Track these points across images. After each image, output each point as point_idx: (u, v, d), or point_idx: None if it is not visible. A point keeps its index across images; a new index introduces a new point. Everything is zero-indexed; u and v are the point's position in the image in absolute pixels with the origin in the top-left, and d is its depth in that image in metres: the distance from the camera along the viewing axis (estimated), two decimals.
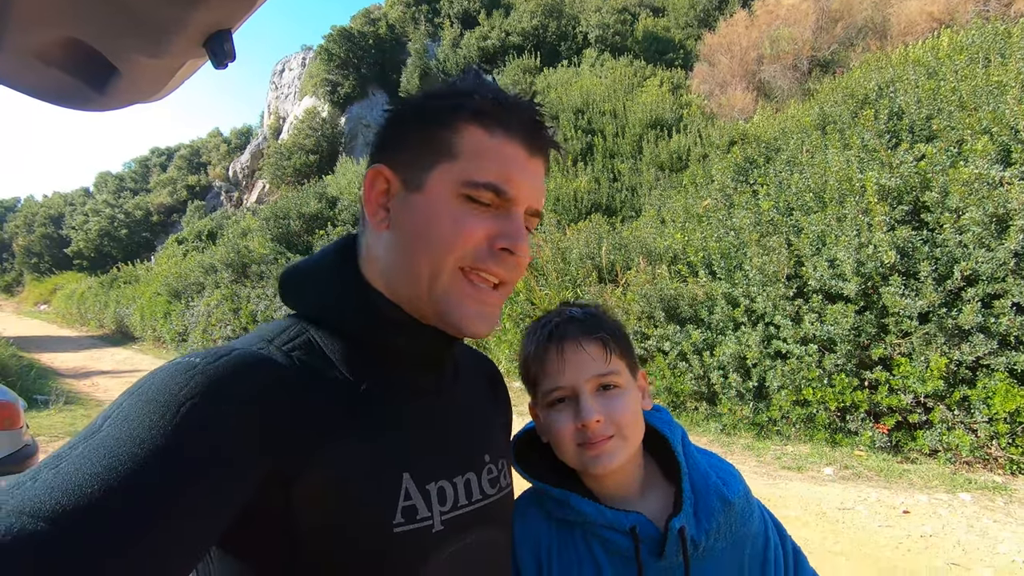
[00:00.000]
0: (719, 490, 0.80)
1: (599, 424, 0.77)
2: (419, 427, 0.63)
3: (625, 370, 0.82)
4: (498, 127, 0.62)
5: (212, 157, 29.65)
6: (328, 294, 0.65)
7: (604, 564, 0.78)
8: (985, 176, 4.19)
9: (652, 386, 5.81)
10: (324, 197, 14.13)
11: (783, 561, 0.82)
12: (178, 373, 0.50)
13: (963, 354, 4.02)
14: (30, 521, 0.38)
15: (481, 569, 0.65)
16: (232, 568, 0.55)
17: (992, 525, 3.24)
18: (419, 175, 0.63)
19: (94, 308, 19.59)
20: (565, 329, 0.82)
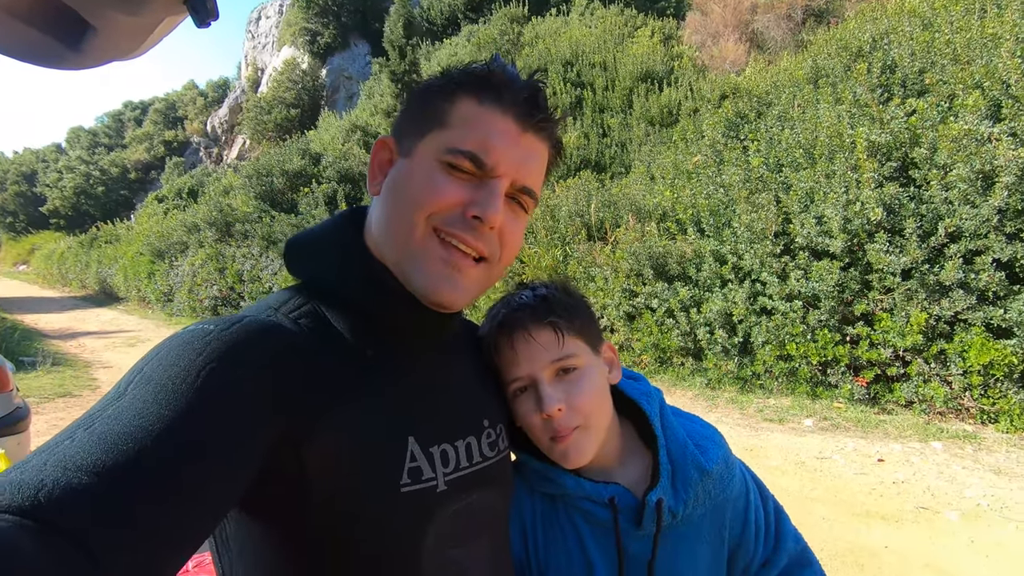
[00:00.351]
0: (696, 459, 0.81)
1: (561, 414, 0.76)
2: (422, 393, 0.66)
3: (584, 349, 0.80)
4: (490, 98, 0.63)
5: (189, 111, 28.64)
6: (332, 264, 0.67)
7: (586, 534, 0.81)
8: (974, 132, 4.18)
9: (640, 342, 5.91)
10: (307, 153, 13.79)
11: (763, 521, 0.84)
12: (195, 339, 0.52)
13: (942, 309, 4.12)
14: (75, 475, 0.40)
15: (482, 526, 0.68)
16: (247, 525, 0.58)
17: (960, 471, 3.40)
18: (413, 142, 0.65)
19: (75, 268, 19.27)
20: (513, 318, 0.79)
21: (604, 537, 0.80)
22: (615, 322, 6.18)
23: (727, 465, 0.83)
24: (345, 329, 0.63)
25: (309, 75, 20.26)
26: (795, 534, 0.87)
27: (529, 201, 0.67)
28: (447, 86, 0.64)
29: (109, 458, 0.42)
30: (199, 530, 0.45)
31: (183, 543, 0.44)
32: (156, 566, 0.42)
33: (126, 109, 33.57)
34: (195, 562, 2.10)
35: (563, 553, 0.82)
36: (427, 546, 0.61)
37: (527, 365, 0.78)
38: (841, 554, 2.68)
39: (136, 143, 29.24)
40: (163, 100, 31.33)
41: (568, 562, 0.81)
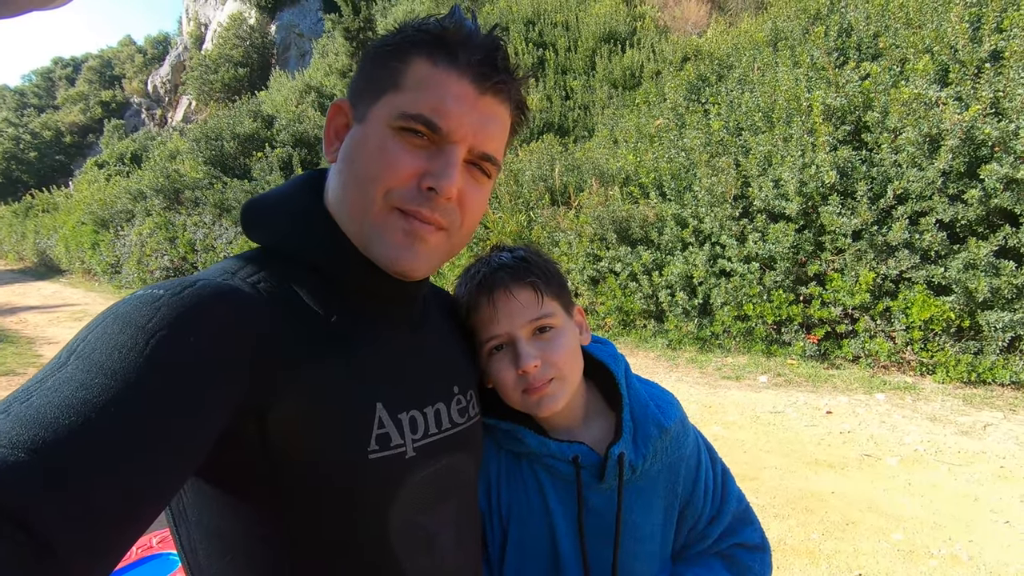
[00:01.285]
0: (656, 418, 0.85)
1: (537, 368, 0.79)
2: (389, 360, 0.64)
3: (559, 310, 0.83)
4: (445, 59, 0.59)
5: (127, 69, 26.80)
6: (291, 227, 0.64)
7: (549, 489, 0.84)
8: (923, 96, 4.31)
9: (603, 306, 6.01)
10: (259, 116, 13.16)
11: (712, 481, 0.90)
12: (143, 305, 0.49)
13: (889, 269, 4.32)
14: (9, 452, 0.37)
15: (450, 491, 0.68)
16: (207, 494, 0.56)
17: (901, 420, 3.64)
18: (367, 107, 0.62)
19: (10, 239, 18.15)
20: (494, 277, 0.81)
21: (565, 490, 0.83)
22: (579, 286, 6.25)
23: (683, 426, 0.88)
24: (307, 295, 0.60)
25: (257, 31, 19.16)
26: (739, 494, 0.92)
27: (491, 167, 0.65)
28: (401, 45, 0.61)
29: (48, 433, 0.39)
30: (151, 505, 0.43)
31: (133, 519, 0.42)
32: (104, 543, 0.40)
33: (56, 67, 31.18)
34: (159, 537, 2.07)
35: (525, 504, 0.85)
36: (395, 512, 0.60)
37: (507, 323, 0.79)
38: (792, 500, 2.85)
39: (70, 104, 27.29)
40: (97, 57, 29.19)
41: (529, 511, 0.84)
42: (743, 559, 0.88)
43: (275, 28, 19.27)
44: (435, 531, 0.65)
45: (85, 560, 0.38)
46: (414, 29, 0.62)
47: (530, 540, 0.84)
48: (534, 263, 0.83)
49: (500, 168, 0.67)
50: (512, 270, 0.81)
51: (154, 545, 2.10)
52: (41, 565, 0.36)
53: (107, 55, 28.98)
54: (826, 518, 2.69)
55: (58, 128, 26.59)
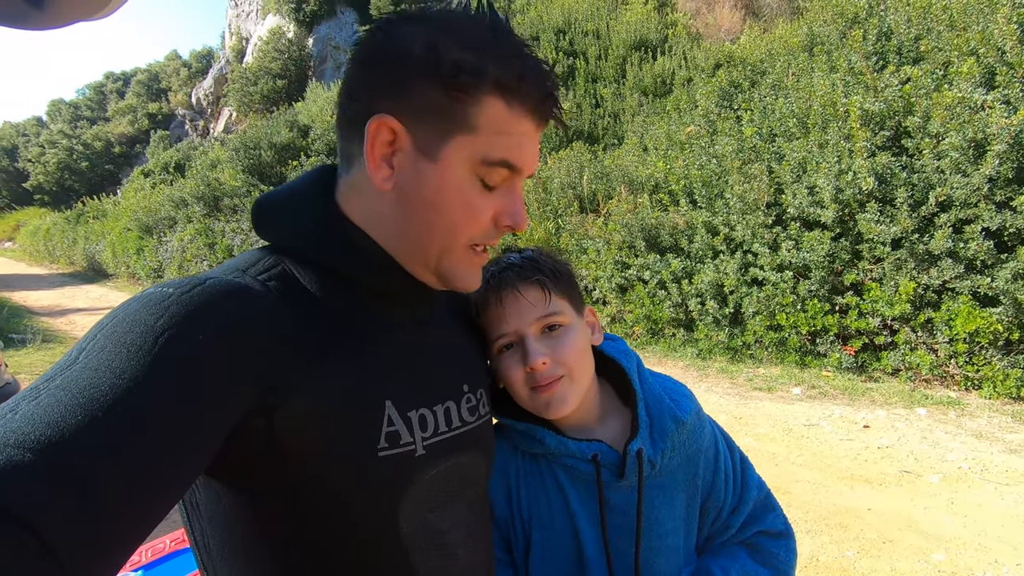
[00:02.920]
0: (672, 411, 0.84)
1: (546, 366, 0.79)
2: (398, 358, 0.64)
3: (568, 308, 0.83)
4: (517, 100, 0.59)
5: (172, 83, 27.93)
6: (304, 225, 0.64)
7: (569, 490, 0.84)
8: (968, 100, 4.16)
9: (632, 314, 5.94)
10: (295, 126, 13.53)
11: (732, 469, 0.89)
12: (152, 304, 0.49)
13: (931, 278, 4.16)
14: (16, 452, 0.38)
15: (461, 489, 0.68)
16: (217, 490, 0.56)
17: (943, 436, 3.48)
18: (435, 143, 0.58)
19: (62, 245, 19.02)
20: (502, 277, 0.82)
21: (586, 490, 0.83)
22: (607, 294, 6.20)
23: (699, 417, 0.88)
24: (318, 292, 0.60)
25: (295, 44, 19.74)
26: (759, 482, 0.92)
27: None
28: (464, 78, 0.56)
29: (54, 433, 0.39)
30: (158, 505, 0.43)
31: (139, 520, 0.42)
32: (109, 544, 0.39)
33: (107, 81, 32.71)
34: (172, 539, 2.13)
35: (546, 506, 0.84)
36: (405, 510, 0.60)
37: (515, 321, 0.80)
38: (826, 516, 2.75)
39: (119, 116, 28.57)
40: (145, 71, 30.50)
41: (550, 514, 0.84)
42: (767, 546, 0.88)
43: (312, 41, 19.82)
44: (446, 529, 0.65)
45: (89, 560, 0.38)
46: (479, 58, 0.56)
47: (554, 542, 0.84)
48: (542, 263, 0.84)
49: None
50: (520, 269, 0.82)
51: (168, 545, 2.16)
52: (45, 566, 0.36)
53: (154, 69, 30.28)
54: (862, 535, 2.59)
55: (108, 139, 27.86)
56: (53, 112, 32.62)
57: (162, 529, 2.25)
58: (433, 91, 0.57)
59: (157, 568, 2.01)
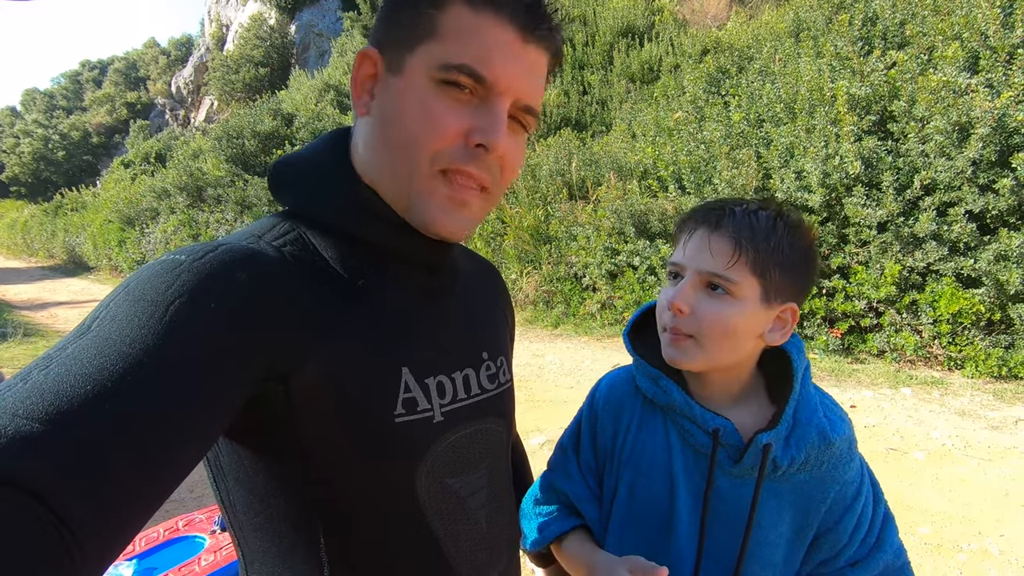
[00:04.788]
0: (822, 425, 0.75)
1: (681, 315, 0.74)
2: (416, 324, 0.63)
3: (754, 287, 0.73)
4: (486, 4, 0.56)
5: (151, 71, 27.34)
6: (318, 189, 0.62)
7: (677, 451, 0.79)
8: (952, 84, 4.20)
9: (622, 300, 5.97)
10: (279, 114, 13.31)
11: (868, 520, 0.78)
12: (164, 271, 0.48)
13: (915, 261, 4.22)
14: (25, 423, 0.37)
15: (481, 456, 0.68)
16: (240, 454, 0.56)
17: (928, 415, 3.55)
18: (401, 56, 0.58)
19: (41, 237, 18.65)
20: (714, 216, 0.74)
21: (695, 460, 0.78)
22: (597, 280, 6.22)
23: (850, 447, 0.77)
24: (334, 257, 0.60)
25: (277, 32, 19.40)
26: (898, 548, 0.80)
27: (531, 120, 0.62)
28: None
29: (63, 403, 0.38)
30: (169, 476, 0.42)
31: (150, 492, 0.41)
32: (120, 516, 0.39)
33: (84, 69, 31.94)
34: (166, 527, 2.12)
35: (648, 456, 0.81)
36: (422, 475, 0.60)
37: (688, 258, 0.75)
38: None
39: (97, 105, 27.93)
40: (123, 59, 29.82)
41: (650, 466, 0.80)
42: None
43: (295, 28, 19.48)
44: (465, 496, 0.65)
45: (100, 531, 0.38)
46: None
47: (644, 493, 0.80)
48: (767, 230, 0.73)
49: (538, 119, 0.64)
50: (736, 220, 0.73)
51: (180, 528, 2.15)
52: (56, 537, 0.35)
53: (132, 57, 29.61)
54: None
55: (86, 129, 27.25)
56: (27, 102, 31.80)
57: (156, 518, 2.24)
58: (398, 9, 0.59)
59: (151, 557, 2.00)
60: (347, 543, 0.58)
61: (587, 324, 6.24)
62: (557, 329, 6.35)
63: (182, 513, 2.36)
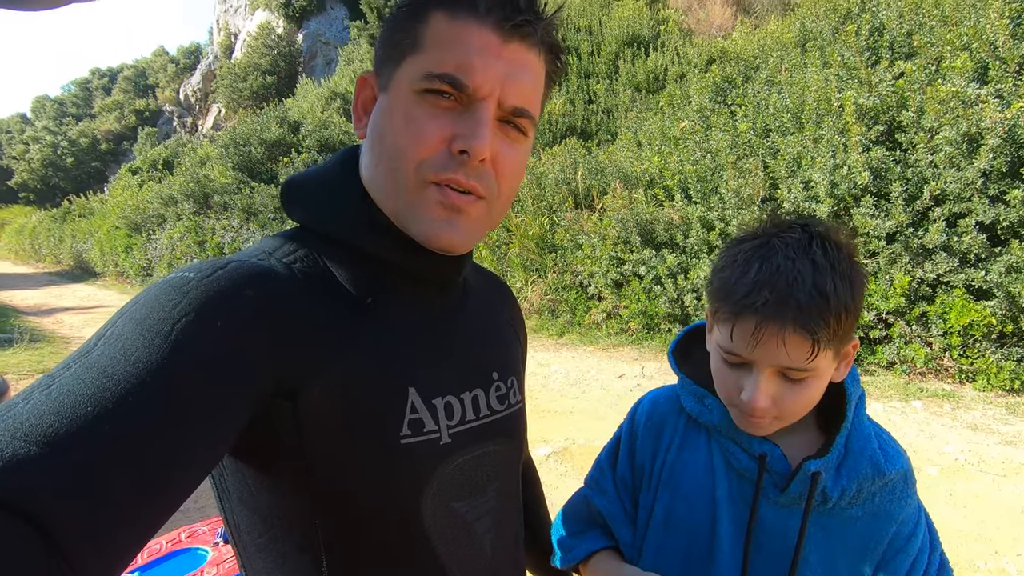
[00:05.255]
0: (876, 457, 0.71)
1: (764, 410, 0.68)
2: (425, 343, 0.62)
3: (830, 357, 0.67)
4: (464, 10, 0.55)
5: (160, 79, 27.62)
6: (328, 206, 0.62)
7: (720, 475, 0.75)
8: (961, 94, 4.18)
9: (627, 309, 5.94)
10: (286, 122, 13.41)
11: (924, 566, 0.73)
12: (172, 289, 0.47)
13: (925, 272, 4.18)
14: (23, 444, 0.36)
15: (488, 479, 0.66)
16: (244, 473, 0.55)
17: (940, 429, 3.50)
18: (390, 72, 0.58)
19: (48, 243, 18.78)
20: (778, 307, 0.63)
21: (739, 486, 0.74)
22: (603, 289, 6.19)
23: (906, 483, 0.73)
24: (343, 275, 0.59)
25: (285, 40, 19.56)
26: None
27: (525, 123, 0.59)
28: (417, 3, 0.57)
29: (63, 424, 0.38)
30: (169, 499, 0.42)
31: (148, 515, 0.40)
32: (116, 539, 0.38)
33: (93, 77, 32.29)
34: (168, 540, 2.10)
35: (690, 478, 0.77)
36: (428, 498, 0.59)
37: (756, 354, 0.66)
38: None
39: (106, 112, 28.21)
40: (132, 67, 30.14)
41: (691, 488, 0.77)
42: None
43: (302, 37, 19.65)
44: (471, 520, 0.64)
45: (97, 555, 0.37)
46: None
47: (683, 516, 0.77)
48: (836, 300, 0.64)
49: (536, 123, 0.61)
50: (804, 312, 0.63)
51: (183, 539, 2.13)
52: (50, 560, 0.34)
53: (141, 65, 29.92)
54: None
55: (94, 136, 27.49)
56: (38, 109, 32.15)
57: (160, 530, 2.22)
58: (390, 31, 0.60)
59: (153, 569, 1.97)
60: (350, 566, 0.57)
61: (592, 333, 6.20)
62: (562, 338, 6.32)
63: (185, 524, 2.34)
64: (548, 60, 0.61)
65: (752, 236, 0.71)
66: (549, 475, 3.22)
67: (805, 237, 0.67)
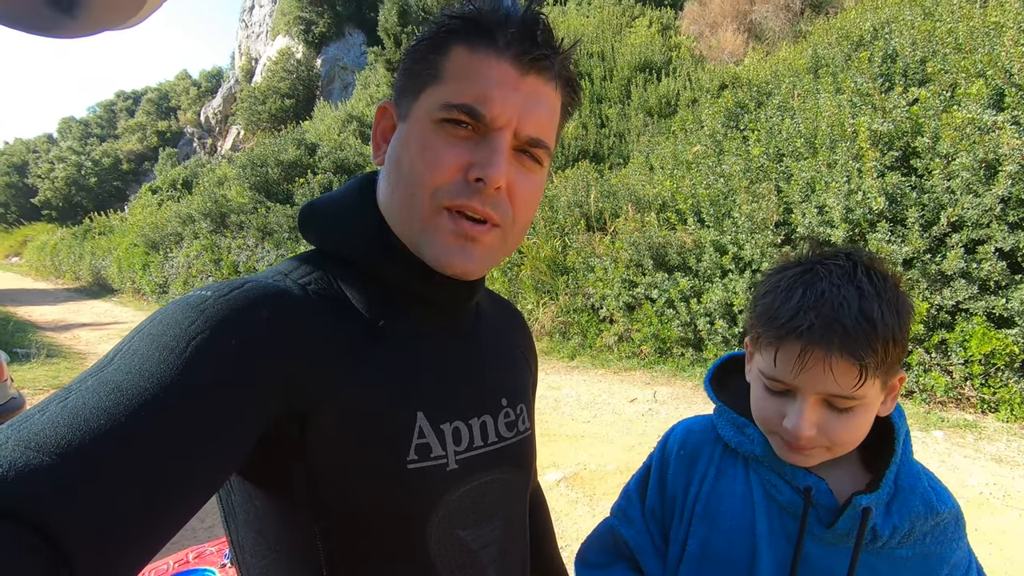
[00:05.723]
0: (927, 495, 0.69)
1: (809, 439, 0.66)
2: (434, 368, 0.62)
3: (876, 387, 0.65)
4: (483, 43, 0.57)
5: (182, 101, 28.36)
6: (344, 229, 0.63)
7: (761, 508, 0.72)
8: (977, 121, 4.16)
9: (639, 333, 5.89)
10: (303, 144, 13.67)
11: None
12: (189, 307, 0.48)
13: (944, 299, 4.12)
14: (35, 455, 0.37)
15: (496, 507, 0.65)
16: (251, 494, 0.55)
17: (963, 460, 3.41)
18: (409, 102, 0.60)
19: (68, 260, 19.13)
20: (824, 332, 0.62)
21: (781, 520, 0.71)
22: (615, 312, 6.16)
23: (957, 523, 0.71)
24: (356, 298, 0.60)
25: (304, 65, 20.06)
26: None
27: (541, 153, 0.60)
28: (437, 36, 0.59)
29: (76, 436, 0.38)
30: (177, 514, 0.42)
31: (157, 529, 0.41)
32: (124, 553, 0.39)
33: (118, 99, 33.25)
34: (176, 560, 2.08)
35: (726, 511, 0.74)
36: (434, 525, 0.58)
37: (800, 380, 0.64)
38: None
39: (129, 133, 28.97)
40: (156, 90, 31.02)
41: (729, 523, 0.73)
42: None
43: (320, 61, 20.15)
44: (477, 549, 0.63)
45: (102, 567, 0.37)
46: (449, 17, 0.59)
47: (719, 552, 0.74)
48: (884, 328, 0.62)
49: (552, 153, 0.63)
50: (850, 337, 0.61)
51: (190, 560, 2.11)
52: (58, 571, 0.35)
53: (164, 88, 30.80)
54: None
55: (117, 156, 28.21)
56: (64, 129, 33.11)
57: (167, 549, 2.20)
58: (410, 62, 0.61)
59: None
60: None
61: (604, 356, 6.16)
62: (573, 361, 6.28)
63: (193, 544, 2.33)
64: (564, 92, 0.63)
65: (795, 264, 0.71)
66: (559, 501, 3.17)
67: (850, 265, 0.66)
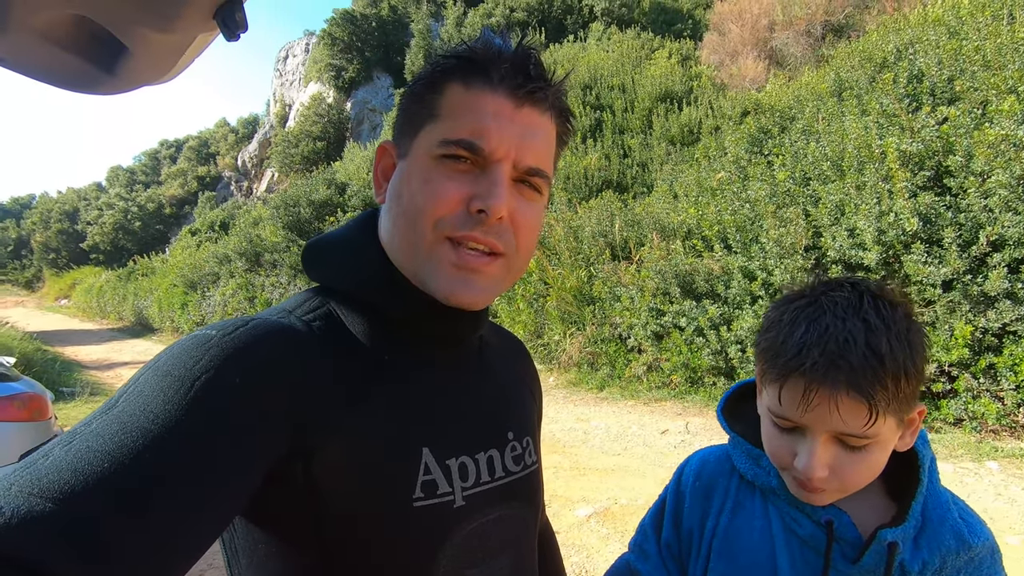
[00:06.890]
0: (958, 528, 0.66)
1: (821, 481, 0.63)
2: (440, 403, 0.62)
3: (891, 425, 0.62)
4: (477, 80, 0.59)
5: (221, 147, 29.74)
6: (349, 267, 0.64)
7: (781, 543, 0.70)
8: (1012, 137, 4.05)
9: (669, 362, 5.78)
10: (333, 183, 14.12)
11: None
12: (194, 347, 0.49)
13: (989, 321, 3.94)
14: (38, 501, 0.37)
15: (504, 544, 0.64)
16: (255, 536, 0.55)
17: (1020, 493, 3.19)
18: (408, 141, 0.62)
19: (113, 301, 19.91)
20: (829, 370, 0.59)
21: (802, 555, 0.68)
22: (643, 342, 6.07)
23: (993, 557, 0.67)
24: (361, 333, 0.60)
25: (334, 108, 20.88)
26: None
27: (540, 182, 0.62)
28: (433, 76, 0.61)
29: (79, 481, 0.38)
30: (182, 558, 0.42)
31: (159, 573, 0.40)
32: None
33: (162, 147, 35.05)
34: None
35: (745, 545, 0.71)
36: (442, 564, 0.57)
37: (807, 419, 0.62)
38: None
39: (171, 179, 30.43)
40: (196, 138, 32.64)
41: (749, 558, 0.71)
42: None
43: (350, 105, 20.94)
44: None
45: None
46: (443, 57, 0.61)
47: None
48: (892, 363, 0.59)
49: (551, 182, 0.64)
50: (857, 374, 0.59)
51: None
52: None
53: (205, 135, 32.42)
54: None
55: (160, 200, 29.61)
56: (112, 178, 35.00)
57: None
58: (409, 102, 0.63)
59: None
60: None
61: (633, 387, 6.04)
62: (603, 392, 6.18)
63: None
64: (559, 122, 0.65)
65: (798, 295, 0.69)
66: (590, 537, 3.08)
67: (855, 296, 0.63)
